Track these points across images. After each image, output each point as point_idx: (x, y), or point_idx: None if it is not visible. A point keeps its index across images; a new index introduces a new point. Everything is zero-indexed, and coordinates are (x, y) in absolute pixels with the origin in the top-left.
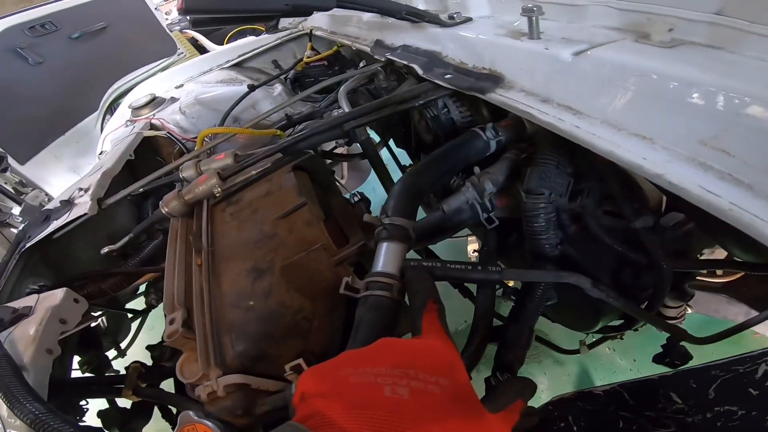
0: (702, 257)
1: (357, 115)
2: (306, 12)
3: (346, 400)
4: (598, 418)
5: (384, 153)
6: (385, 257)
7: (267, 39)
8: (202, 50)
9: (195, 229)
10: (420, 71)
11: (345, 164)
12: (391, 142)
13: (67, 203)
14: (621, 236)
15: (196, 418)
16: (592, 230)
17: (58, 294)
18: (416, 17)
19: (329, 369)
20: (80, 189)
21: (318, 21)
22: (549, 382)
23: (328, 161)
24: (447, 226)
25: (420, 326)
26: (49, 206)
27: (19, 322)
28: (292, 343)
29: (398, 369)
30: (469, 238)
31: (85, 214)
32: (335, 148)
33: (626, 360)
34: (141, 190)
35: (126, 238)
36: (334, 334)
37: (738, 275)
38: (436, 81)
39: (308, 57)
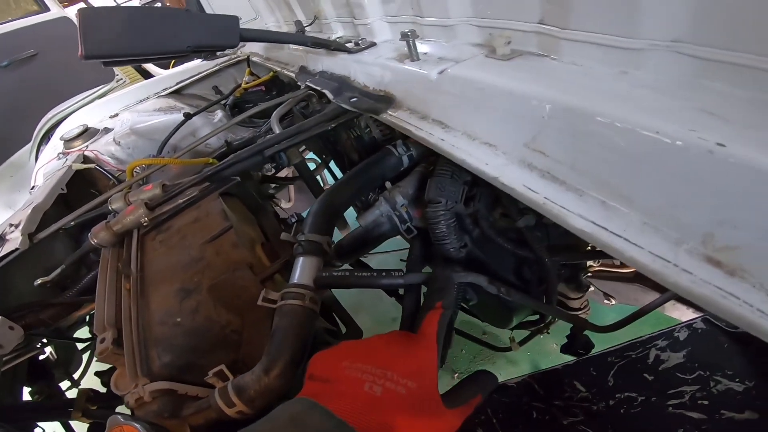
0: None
1: (276, 141)
2: (210, 51)
3: (338, 388)
4: (514, 410)
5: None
6: (300, 270)
7: (206, 65)
8: (146, 75)
9: (124, 257)
10: (331, 96)
11: (292, 187)
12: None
13: None
14: (513, 236)
15: (123, 420)
16: (485, 232)
17: None
18: (323, 46)
19: (334, 358)
20: (11, 225)
21: (255, 47)
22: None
23: (274, 185)
24: (369, 238)
25: (420, 323)
26: None
27: None
28: (221, 353)
29: (380, 369)
30: None
31: (17, 249)
32: (276, 172)
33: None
34: (72, 223)
35: (58, 270)
36: (263, 342)
37: None
38: (343, 105)
39: (246, 83)
